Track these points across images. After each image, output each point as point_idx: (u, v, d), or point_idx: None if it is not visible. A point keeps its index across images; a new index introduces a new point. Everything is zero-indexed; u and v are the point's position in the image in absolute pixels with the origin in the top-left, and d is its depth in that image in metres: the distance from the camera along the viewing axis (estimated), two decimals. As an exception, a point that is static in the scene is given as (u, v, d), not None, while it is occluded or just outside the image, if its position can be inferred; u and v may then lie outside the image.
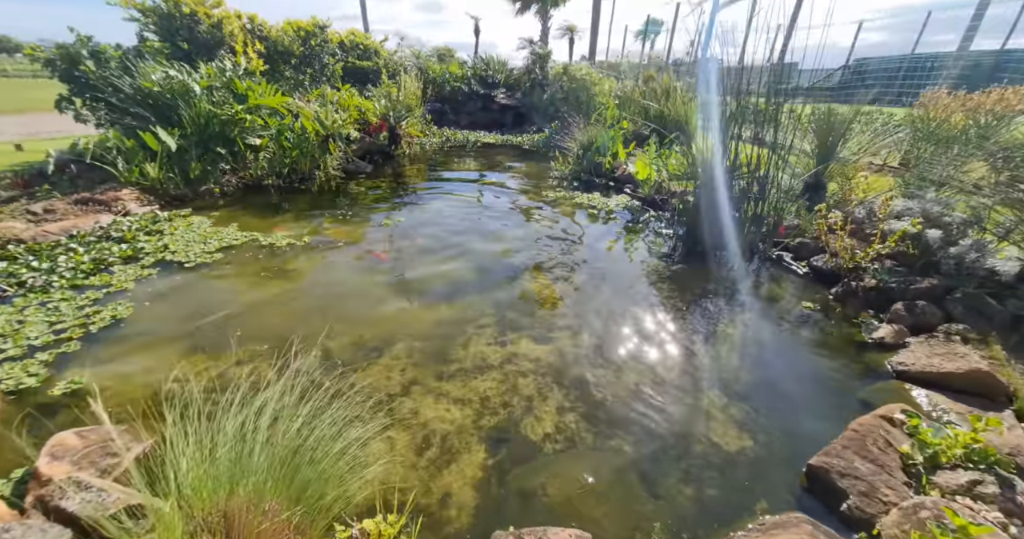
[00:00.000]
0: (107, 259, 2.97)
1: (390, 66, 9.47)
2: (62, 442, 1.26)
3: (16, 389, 1.70)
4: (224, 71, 4.81)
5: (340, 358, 2.19)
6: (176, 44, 5.14)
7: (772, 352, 2.41)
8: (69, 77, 4.42)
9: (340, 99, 6.72)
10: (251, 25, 6.16)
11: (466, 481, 1.57)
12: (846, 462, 1.41)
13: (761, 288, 3.18)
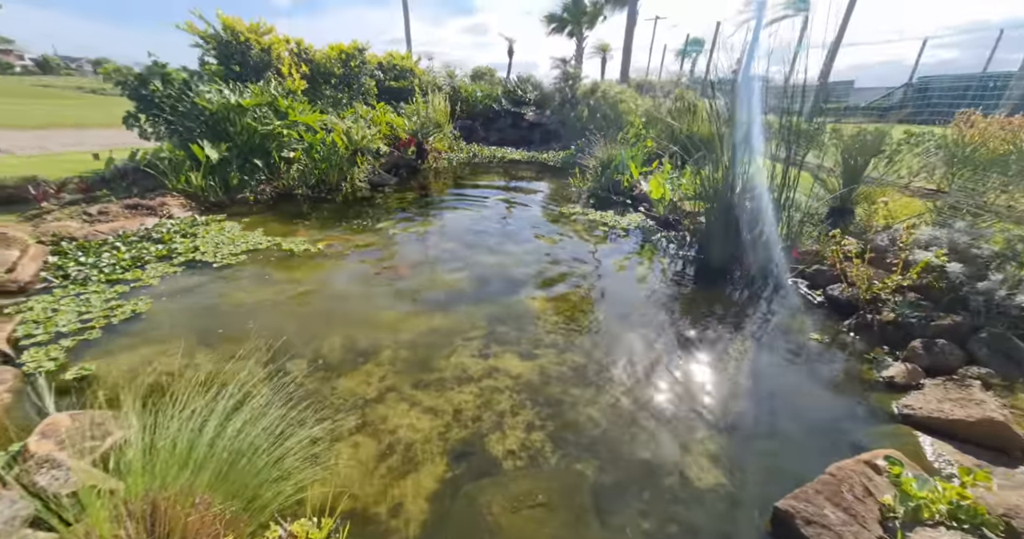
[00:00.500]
0: (143, 257, 3.28)
1: (424, 85, 9.98)
2: (55, 422, 1.40)
3: (35, 371, 1.91)
4: (268, 91, 5.28)
5: (329, 360, 2.28)
6: (230, 67, 5.72)
7: (769, 385, 2.27)
8: (137, 96, 5.01)
9: (373, 116, 7.15)
10: (298, 49, 6.75)
11: (420, 492, 1.58)
12: (815, 508, 1.30)
13: (770, 316, 3.01)
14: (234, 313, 2.68)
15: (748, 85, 3.42)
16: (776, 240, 3.24)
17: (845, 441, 1.82)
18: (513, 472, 1.68)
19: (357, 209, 5.16)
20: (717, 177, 3.46)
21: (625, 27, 12.60)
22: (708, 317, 2.97)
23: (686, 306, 3.12)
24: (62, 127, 9.43)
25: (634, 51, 16.05)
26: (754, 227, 3.40)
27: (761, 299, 3.25)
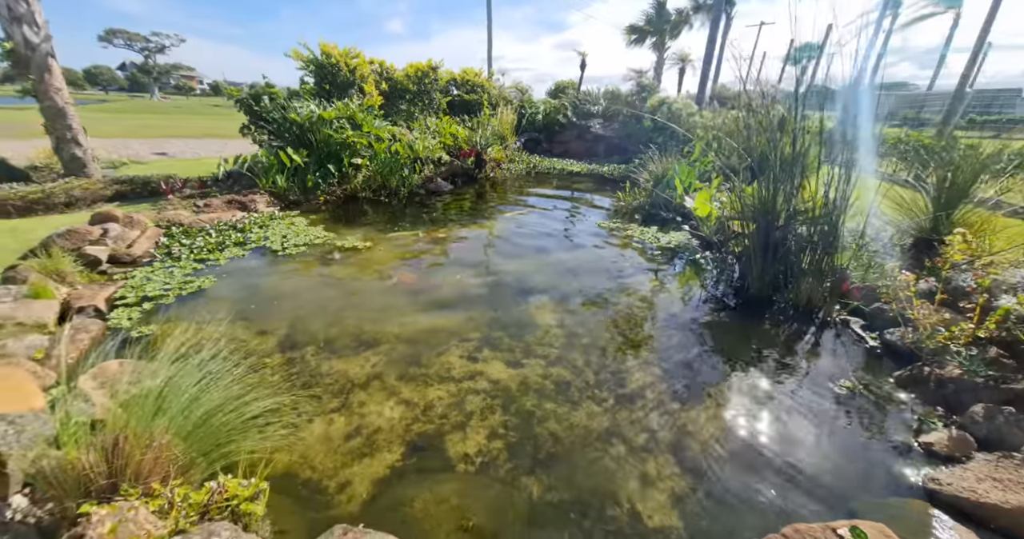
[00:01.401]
0: (225, 242, 3.95)
1: (493, 99, 10.48)
2: (105, 367, 1.80)
3: (115, 326, 2.44)
4: (348, 106, 6.03)
5: (335, 343, 2.54)
6: (322, 86, 6.65)
7: (775, 432, 2.00)
8: (249, 111, 6.06)
9: (437, 127, 7.72)
10: (381, 69, 7.59)
11: (372, 471, 1.70)
12: (751, 572, 1.14)
13: (806, 356, 2.63)
14: (275, 295, 3.11)
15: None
16: (831, 271, 2.83)
17: (841, 510, 1.54)
18: (460, 474, 1.71)
19: (411, 213, 5.60)
20: (766, 195, 3.14)
21: (708, 35, 11.93)
22: (732, 349, 2.70)
23: (708, 335, 2.86)
24: (215, 137, 11.67)
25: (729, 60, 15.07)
26: (805, 254, 3.02)
27: (802, 336, 2.85)
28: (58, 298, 2.54)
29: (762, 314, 3.10)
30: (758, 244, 3.06)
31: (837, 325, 2.84)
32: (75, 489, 1.22)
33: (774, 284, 3.10)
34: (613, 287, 3.53)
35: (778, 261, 3.03)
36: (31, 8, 4.57)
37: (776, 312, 3.10)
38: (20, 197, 4.14)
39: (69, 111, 4.96)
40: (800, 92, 3.03)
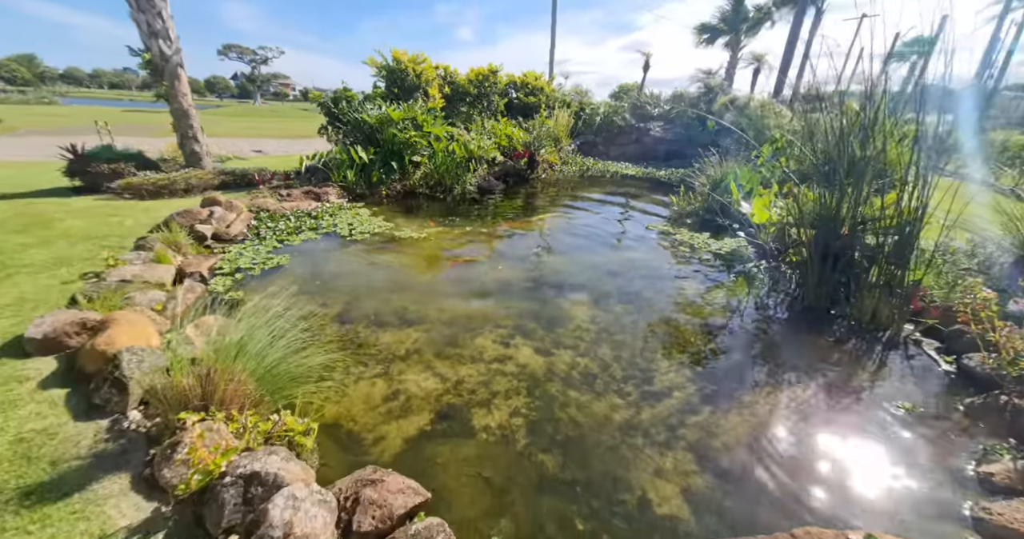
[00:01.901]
0: (301, 227, 4.49)
1: (551, 101, 10.59)
2: (204, 320, 2.19)
3: (213, 290, 2.92)
4: (412, 108, 6.50)
5: (384, 319, 2.81)
6: (391, 90, 7.22)
7: (813, 444, 1.89)
8: (328, 113, 6.76)
9: (494, 128, 8.00)
10: (444, 73, 8.05)
11: (405, 429, 1.89)
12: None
13: (864, 372, 2.42)
14: (337, 274, 3.49)
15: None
16: (892, 285, 2.57)
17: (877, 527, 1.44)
18: (481, 443, 1.85)
19: (463, 209, 5.90)
20: (829, 201, 2.91)
21: (789, 30, 11.01)
22: (777, 360, 2.56)
23: (752, 343, 2.74)
24: (301, 138, 13.10)
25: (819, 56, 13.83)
26: (874, 266, 2.76)
27: (862, 353, 2.61)
28: (174, 264, 3.09)
29: (818, 328, 2.88)
30: (816, 253, 2.85)
31: (906, 345, 2.56)
32: (177, 405, 1.54)
33: (832, 296, 2.87)
34: (654, 290, 3.47)
35: (839, 272, 2.80)
36: (166, 25, 5.53)
37: (834, 327, 2.86)
38: (152, 183, 5.03)
39: (191, 113, 5.91)
40: (881, 91, 2.78)
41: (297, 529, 1.12)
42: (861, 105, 2.96)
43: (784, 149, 6.83)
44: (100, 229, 3.74)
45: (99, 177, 5.04)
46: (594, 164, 10.46)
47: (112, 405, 1.70)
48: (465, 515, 1.49)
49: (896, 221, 2.63)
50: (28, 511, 1.29)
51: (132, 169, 5.35)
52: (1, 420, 1.62)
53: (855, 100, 3.34)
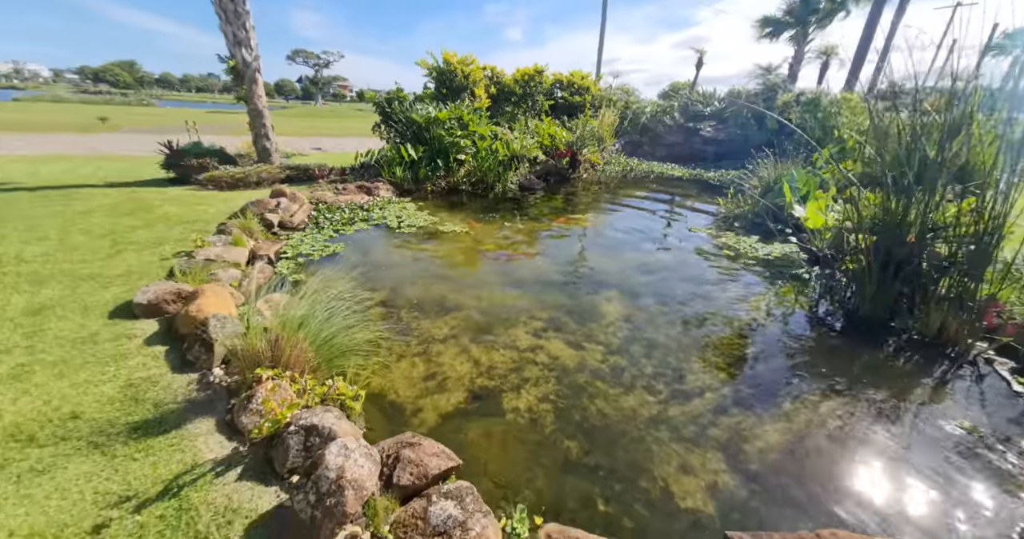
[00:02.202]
0: (354, 218, 4.84)
1: (597, 100, 10.49)
2: (272, 297, 2.47)
3: (279, 272, 3.27)
4: (459, 108, 6.74)
5: (424, 306, 3.01)
6: (440, 90, 7.52)
7: (855, 459, 1.81)
8: (382, 113, 7.19)
9: (537, 127, 8.09)
10: (492, 74, 8.25)
11: (437, 408, 2.05)
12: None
13: (921, 389, 2.26)
14: (385, 262, 3.75)
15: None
16: (964, 298, 2.36)
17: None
18: (510, 423, 1.96)
19: (503, 206, 6.05)
20: (894, 206, 2.72)
21: (866, 21, 10.11)
22: (822, 369, 2.45)
23: (795, 351, 2.64)
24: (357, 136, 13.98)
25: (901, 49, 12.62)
26: (944, 277, 2.55)
27: (923, 370, 2.43)
28: (248, 247, 3.48)
29: (874, 340, 2.70)
30: (876, 260, 2.68)
31: (976, 364, 2.35)
32: (251, 365, 1.78)
33: (893, 308, 2.68)
34: (692, 291, 3.41)
35: (902, 282, 2.61)
36: (248, 35, 6.15)
37: (893, 340, 2.67)
38: (230, 176, 5.64)
39: (265, 113, 6.54)
40: (973, 88, 2.55)
41: (347, 473, 1.29)
42: (947, 103, 2.73)
43: (851, 150, 6.35)
44: (189, 215, 4.28)
45: (188, 170, 5.73)
46: (638, 164, 10.24)
47: (201, 362, 2.00)
48: (491, 484, 1.60)
49: (973, 229, 2.41)
50: (135, 442, 1.57)
51: (215, 163, 6.02)
52: (114, 369, 1.96)
53: (941, 97, 3.07)
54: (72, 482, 1.37)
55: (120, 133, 12.40)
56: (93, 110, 19.17)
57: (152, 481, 1.39)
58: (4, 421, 1.60)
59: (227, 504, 1.33)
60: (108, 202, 4.54)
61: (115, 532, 1.22)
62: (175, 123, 14.93)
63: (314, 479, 1.30)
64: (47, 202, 4.41)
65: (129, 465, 1.45)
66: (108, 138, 11.01)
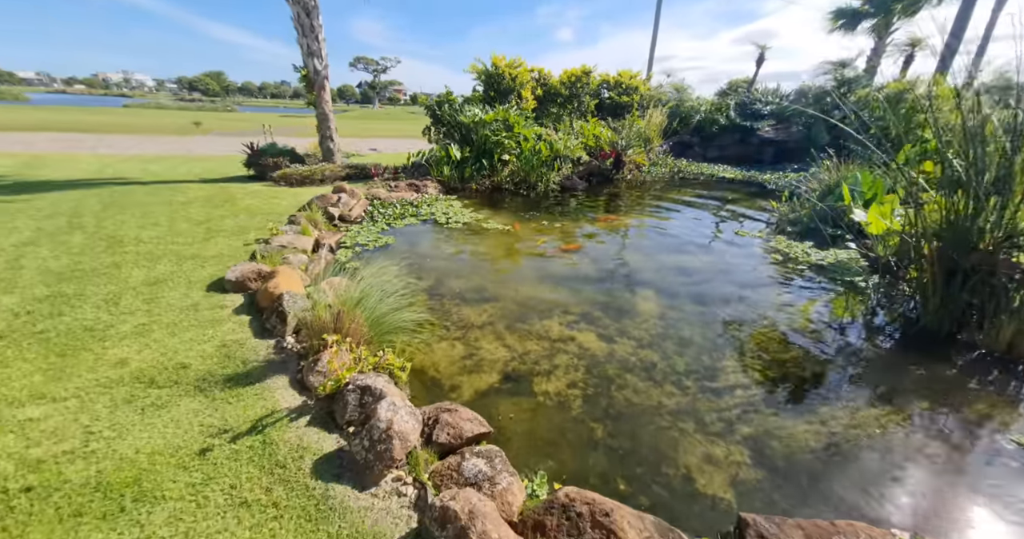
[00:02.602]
0: (404, 213, 5.21)
1: (645, 100, 10.30)
2: (333, 280, 2.80)
3: (338, 259, 3.64)
4: (505, 110, 6.97)
5: (465, 295, 3.23)
6: (488, 93, 7.80)
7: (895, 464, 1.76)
8: (432, 115, 7.59)
9: (583, 128, 8.12)
10: (539, 76, 8.40)
11: (473, 386, 2.24)
12: (781, 533, 1.21)
13: (984, 405, 2.10)
14: (431, 254, 4.03)
15: None
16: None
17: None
18: (538, 405, 2.10)
19: (544, 206, 6.19)
20: (960, 210, 2.53)
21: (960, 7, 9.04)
22: (867, 376, 2.36)
23: (841, 358, 2.54)
24: (409, 138, 14.77)
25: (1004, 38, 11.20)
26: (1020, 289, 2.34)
27: (985, 385, 2.25)
28: (313, 236, 3.91)
29: (934, 352, 2.53)
30: (940, 268, 2.50)
31: (1053, 383, 2.14)
32: (318, 333, 2.07)
33: (959, 320, 2.49)
34: (733, 294, 3.35)
35: (969, 292, 2.43)
36: (320, 47, 6.78)
37: (957, 353, 2.49)
38: (299, 174, 6.28)
39: (330, 117, 7.17)
40: None
41: (395, 426, 1.50)
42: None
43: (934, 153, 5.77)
44: (265, 207, 4.85)
45: (265, 168, 6.44)
46: (687, 166, 9.92)
47: (276, 330, 2.34)
48: (519, 453, 1.75)
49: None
50: (229, 389, 1.90)
51: (286, 162, 6.72)
52: (212, 331, 2.35)
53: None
54: (183, 416, 1.71)
55: (210, 136, 14.02)
56: (188, 115, 21.79)
57: (243, 420, 1.69)
58: (131, 367, 2.01)
59: (299, 443, 1.59)
60: (203, 195, 5.25)
61: (216, 455, 1.52)
62: (253, 127, 16.58)
63: (367, 429, 1.53)
64: (156, 194, 5.19)
65: (225, 407, 1.77)
66: (200, 140, 12.51)
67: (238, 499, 1.36)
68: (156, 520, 1.28)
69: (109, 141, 10.88)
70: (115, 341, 2.18)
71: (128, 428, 1.63)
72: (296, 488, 1.41)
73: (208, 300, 2.67)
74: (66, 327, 2.27)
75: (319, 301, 2.30)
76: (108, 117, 19.75)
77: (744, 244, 4.61)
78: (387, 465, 1.45)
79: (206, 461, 1.49)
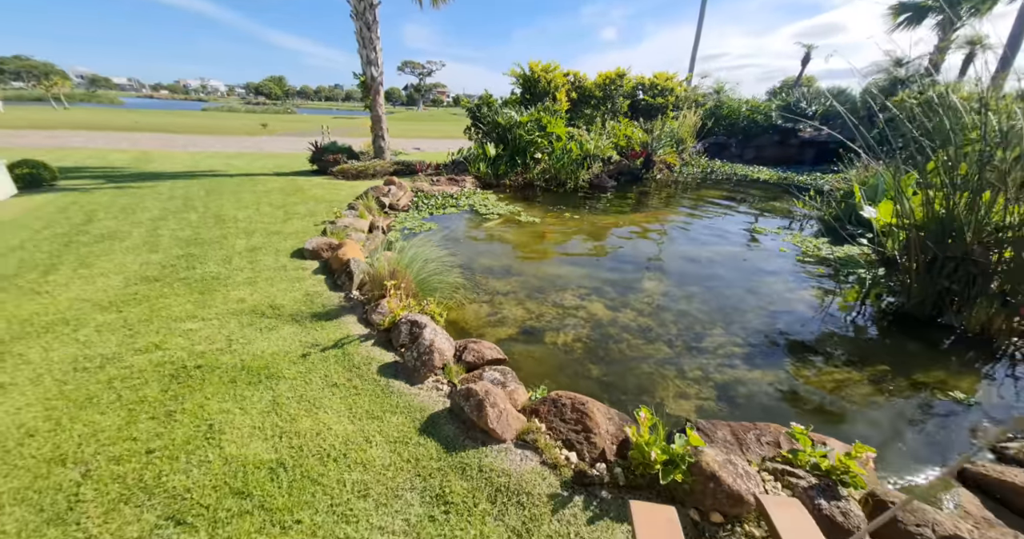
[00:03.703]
0: (445, 204, 5.87)
1: (680, 102, 10.42)
2: (385, 253, 3.45)
3: (389, 239, 4.33)
4: (539, 112, 7.48)
5: (495, 271, 3.78)
6: (524, 96, 8.34)
7: (841, 399, 2.11)
8: (473, 116, 8.25)
9: (614, 129, 8.46)
10: (574, 79, 8.84)
11: (496, 335, 2.78)
12: (711, 426, 1.64)
13: (939, 371, 2.36)
14: (466, 237, 4.63)
15: None
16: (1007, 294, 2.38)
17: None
18: (550, 351, 2.61)
19: (572, 202, 6.64)
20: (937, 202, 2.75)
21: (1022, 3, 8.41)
22: (841, 350, 2.66)
23: (819, 335, 2.84)
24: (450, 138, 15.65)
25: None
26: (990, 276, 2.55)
27: (954, 361, 2.49)
28: (368, 220, 4.63)
29: (909, 332, 2.77)
30: (922, 257, 2.74)
31: (1012, 358, 2.36)
32: (379, 284, 2.70)
33: (938, 304, 2.72)
34: (734, 280, 3.67)
35: (947, 278, 2.65)
36: (377, 57, 7.62)
37: (933, 334, 2.72)
38: (355, 169, 7.14)
39: (383, 119, 8.02)
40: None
41: (435, 344, 2.07)
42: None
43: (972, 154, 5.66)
44: (328, 196, 5.67)
45: (326, 164, 7.36)
46: (721, 166, 9.95)
47: (345, 286, 3.00)
48: (527, 378, 2.26)
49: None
50: (315, 321, 2.55)
51: (344, 158, 7.62)
52: (298, 285, 3.05)
53: None
54: (287, 335, 2.38)
55: (275, 136, 15.60)
56: (255, 117, 24.14)
57: (327, 340, 2.34)
58: (248, 303, 2.72)
59: (367, 355, 2.21)
60: (278, 186, 6.19)
61: (312, 358, 2.16)
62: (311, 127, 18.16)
63: (415, 346, 2.11)
64: (241, 185, 6.19)
65: (313, 331, 2.43)
66: (268, 139, 14.01)
67: (330, 382, 1.98)
68: (280, 388, 1.92)
69: (195, 140, 12.51)
70: (234, 286, 2.93)
71: (253, 339, 2.32)
72: (367, 380, 2.01)
73: (292, 263, 3.40)
74: (200, 276, 3.06)
75: (379, 263, 2.94)
76: (191, 119, 22.31)
77: (759, 239, 4.83)
78: (429, 370, 2.03)
79: (307, 361, 2.14)
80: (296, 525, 1.31)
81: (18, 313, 2.46)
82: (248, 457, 1.54)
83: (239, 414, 1.75)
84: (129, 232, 3.92)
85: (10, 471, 1.45)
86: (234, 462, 1.51)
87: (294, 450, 1.58)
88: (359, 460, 1.55)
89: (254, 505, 1.36)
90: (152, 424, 1.68)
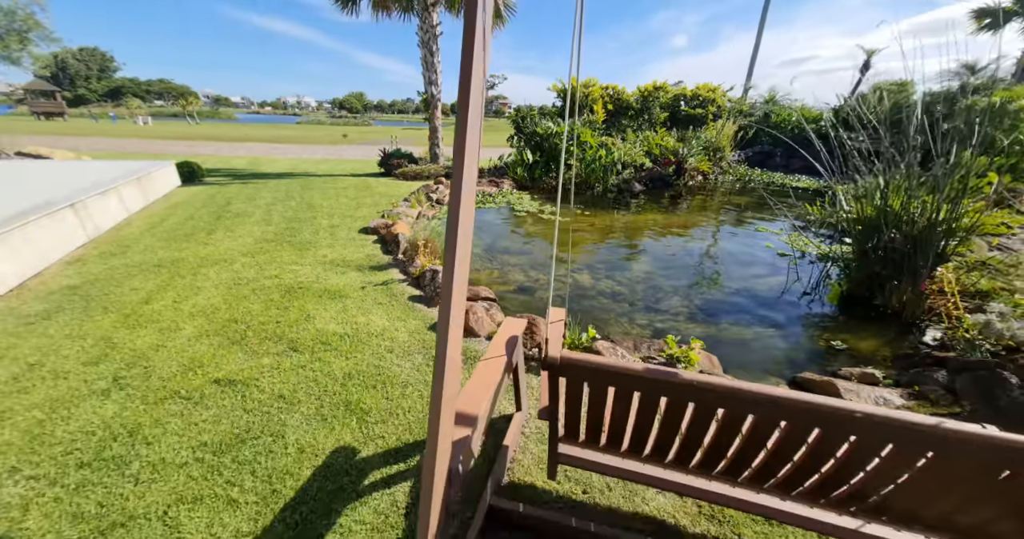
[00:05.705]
0: (485, 202, 6.93)
1: (722, 113, 10.63)
2: (425, 233, 4.53)
3: (429, 224, 5.44)
4: (577, 122, 8.32)
5: (511, 250, 4.70)
6: (563, 108, 9.23)
7: (760, 329, 2.73)
8: (516, 126, 9.31)
9: (648, 137, 9.03)
10: (613, 92, 9.56)
11: (500, 288, 3.69)
12: (620, 338, 2.41)
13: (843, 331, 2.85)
14: (494, 226, 5.62)
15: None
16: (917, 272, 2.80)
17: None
18: (535, 299, 3.47)
19: (598, 202, 7.38)
20: (863, 198, 3.18)
21: None
22: (767, 316, 3.21)
23: (760, 307, 3.39)
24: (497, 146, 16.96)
25: None
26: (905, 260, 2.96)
27: (862, 329, 2.94)
28: (417, 209, 5.81)
29: (842, 309, 3.23)
30: (859, 247, 3.20)
31: (920, 329, 2.77)
32: (415, 247, 3.76)
33: (870, 286, 3.16)
34: (714, 267, 4.24)
35: (882, 264, 3.09)
36: (437, 77, 9.00)
37: (866, 311, 3.15)
38: (413, 172, 8.52)
39: (439, 130, 9.38)
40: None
41: (447, 282, 3.05)
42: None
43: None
44: (390, 192, 7.01)
45: (391, 167, 8.84)
46: (760, 175, 9.99)
47: (394, 251, 4.11)
48: (509, 312, 3.16)
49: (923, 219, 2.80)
50: (371, 270, 3.66)
51: (406, 163, 9.06)
52: (362, 249, 4.22)
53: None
54: (352, 276, 3.50)
55: (354, 145, 18.04)
56: (338, 129, 27.67)
57: (377, 280, 3.42)
58: (329, 258, 3.92)
59: (402, 290, 3.24)
60: (352, 183, 7.70)
61: (367, 290, 3.24)
62: (383, 137, 20.54)
63: (432, 284, 3.10)
64: (326, 183, 7.79)
65: (369, 275, 3.53)
66: (347, 148, 16.33)
67: (377, 302, 3.04)
68: (347, 302, 3.01)
69: (292, 149, 15.05)
70: (321, 248, 4.18)
71: (331, 277, 3.47)
72: (401, 301, 3.04)
73: (360, 237, 4.62)
74: (299, 240, 4.37)
75: (416, 235, 4.02)
76: (288, 131, 26.18)
77: (757, 236, 5.23)
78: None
79: (363, 291, 3.22)
80: (355, 356, 2.33)
81: (199, 254, 3.88)
82: (329, 329, 2.61)
83: (323, 311, 2.85)
84: (253, 212, 5.45)
85: (211, 324, 2.66)
86: (321, 331, 2.59)
87: (353, 329, 2.63)
88: (389, 337, 2.56)
89: (332, 348, 2.41)
90: (277, 311, 2.84)
